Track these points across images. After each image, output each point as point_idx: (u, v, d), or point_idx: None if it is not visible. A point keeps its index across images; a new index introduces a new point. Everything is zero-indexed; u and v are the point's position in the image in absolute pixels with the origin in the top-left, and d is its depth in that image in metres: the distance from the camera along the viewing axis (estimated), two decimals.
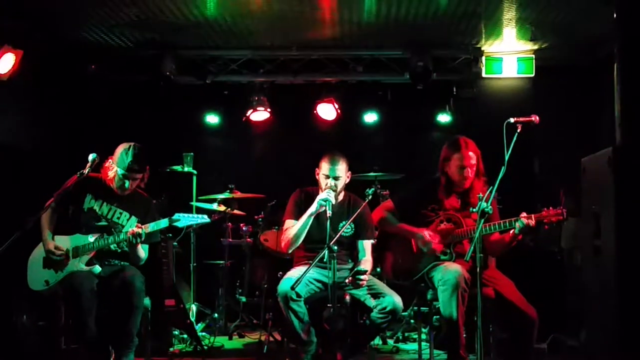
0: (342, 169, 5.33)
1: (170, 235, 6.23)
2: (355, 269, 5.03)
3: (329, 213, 5.02)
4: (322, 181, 5.35)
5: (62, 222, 5.22)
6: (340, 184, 5.36)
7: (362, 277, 4.99)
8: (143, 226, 4.99)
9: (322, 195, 5.18)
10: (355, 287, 5.05)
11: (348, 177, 5.42)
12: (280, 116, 8.43)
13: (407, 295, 5.43)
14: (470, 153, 5.10)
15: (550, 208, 4.74)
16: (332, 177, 5.29)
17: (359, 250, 5.48)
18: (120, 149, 5.14)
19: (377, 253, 5.58)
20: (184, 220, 5.03)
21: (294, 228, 5.32)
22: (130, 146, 5.12)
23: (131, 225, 5.12)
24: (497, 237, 5.10)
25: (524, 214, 4.78)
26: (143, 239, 5.00)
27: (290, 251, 5.41)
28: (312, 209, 5.23)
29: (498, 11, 6.66)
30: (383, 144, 8.72)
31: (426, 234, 5.13)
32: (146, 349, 5.27)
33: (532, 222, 4.73)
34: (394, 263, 5.38)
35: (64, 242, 5.13)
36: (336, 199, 5.31)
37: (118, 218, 5.26)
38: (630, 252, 3.75)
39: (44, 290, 5.13)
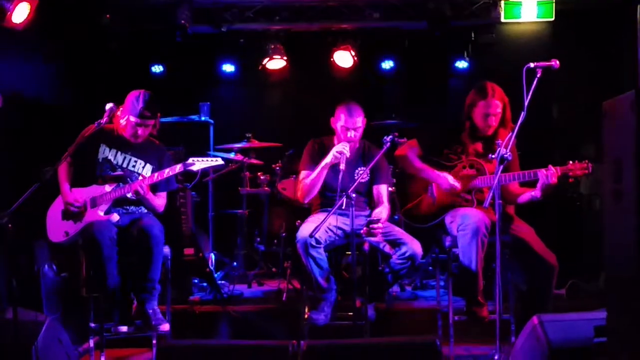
0: (360, 119, 5.36)
1: (188, 185, 6.24)
2: (368, 220, 5.03)
3: (342, 166, 5.02)
4: (341, 132, 5.35)
5: (79, 174, 5.25)
6: (359, 134, 5.39)
7: (375, 225, 4.98)
8: (146, 177, 5.08)
9: (337, 147, 5.18)
10: (370, 236, 5.05)
11: (364, 124, 5.41)
12: (296, 64, 8.36)
13: (426, 243, 5.43)
14: (497, 101, 5.04)
15: (576, 162, 4.70)
16: (352, 128, 5.31)
17: (376, 196, 5.48)
18: (130, 97, 5.14)
19: (396, 195, 5.57)
20: (198, 164, 5.05)
21: (309, 178, 5.34)
22: (140, 93, 5.13)
23: (147, 173, 5.21)
24: (517, 191, 5.07)
25: (550, 167, 4.73)
26: (144, 191, 5.03)
27: (306, 201, 5.43)
28: (327, 159, 5.23)
29: None
30: (400, 91, 8.62)
31: (449, 177, 5.10)
32: (166, 297, 5.33)
33: (556, 177, 4.71)
34: (413, 206, 5.37)
35: (81, 193, 5.17)
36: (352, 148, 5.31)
37: (133, 166, 5.29)
38: None
39: (64, 242, 5.19)
